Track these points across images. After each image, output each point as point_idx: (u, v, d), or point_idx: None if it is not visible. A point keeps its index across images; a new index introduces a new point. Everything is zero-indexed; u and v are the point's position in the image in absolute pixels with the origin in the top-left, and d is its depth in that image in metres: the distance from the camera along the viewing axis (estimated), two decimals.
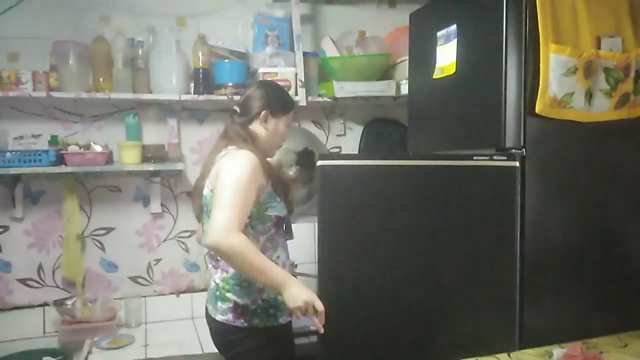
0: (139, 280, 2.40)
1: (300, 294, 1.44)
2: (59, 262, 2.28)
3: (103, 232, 2.35)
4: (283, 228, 1.68)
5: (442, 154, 1.75)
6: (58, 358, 1.96)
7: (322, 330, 1.44)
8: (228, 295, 1.60)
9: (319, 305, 1.43)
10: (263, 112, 1.66)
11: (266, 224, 1.60)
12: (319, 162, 1.55)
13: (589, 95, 1.57)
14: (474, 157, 1.54)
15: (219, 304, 1.62)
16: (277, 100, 1.72)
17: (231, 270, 1.59)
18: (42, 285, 2.27)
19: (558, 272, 1.57)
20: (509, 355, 1.43)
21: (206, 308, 1.72)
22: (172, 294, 2.43)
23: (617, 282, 1.65)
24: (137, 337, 2.16)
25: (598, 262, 1.62)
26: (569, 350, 1.30)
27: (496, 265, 1.52)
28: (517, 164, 1.50)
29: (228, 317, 1.60)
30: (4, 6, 2.13)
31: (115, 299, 2.30)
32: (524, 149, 1.52)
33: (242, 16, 2.48)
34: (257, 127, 1.68)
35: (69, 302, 2.18)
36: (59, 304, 2.18)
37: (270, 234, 1.62)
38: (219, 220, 1.42)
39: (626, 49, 1.61)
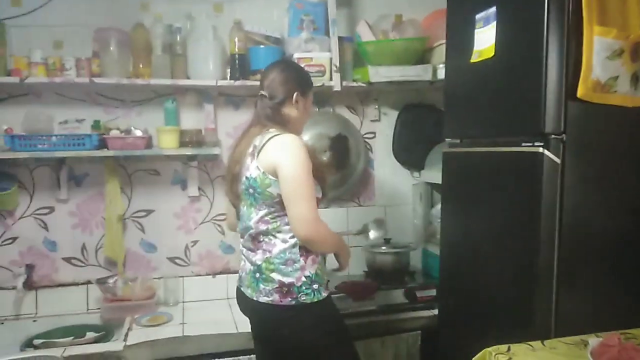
0: (177, 261, 2.47)
1: (347, 255, 1.81)
2: (101, 243, 2.37)
3: (143, 214, 2.42)
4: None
5: (487, 141, 1.74)
6: (100, 333, 2.04)
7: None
8: (272, 275, 1.61)
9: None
10: (295, 94, 1.69)
11: None
12: (444, 150, 1.99)
13: (635, 79, 1.51)
14: (501, 143, 1.62)
15: (262, 285, 1.63)
16: (304, 80, 1.76)
17: (275, 250, 1.62)
18: (86, 264, 2.37)
19: (596, 261, 1.52)
20: (542, 343, 1.41)
21: (241, 292, 1.73)
22: (209, 274, 2.49)
23: None
24: (175, 315, 2.22)
25: (637, 251, 1.57)
26: (605, 339, 1.26)
27: (532, 252, 1.50)
28: (541, 149, 1.46)
29: (274, 298, 1.61)
30: None
31: (154, 278, 2.38)
32: (564, 135, 1.47)
33: (277, 1, 2.48)
34: (288, 109, 1.70)
35: (111, 281, 2.27)
36: (101, 282, 2.27)
37: None
38: (306, 214, 1.54)
39: None
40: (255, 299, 1.65)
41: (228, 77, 2.35)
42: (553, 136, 1.47)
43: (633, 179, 1.56)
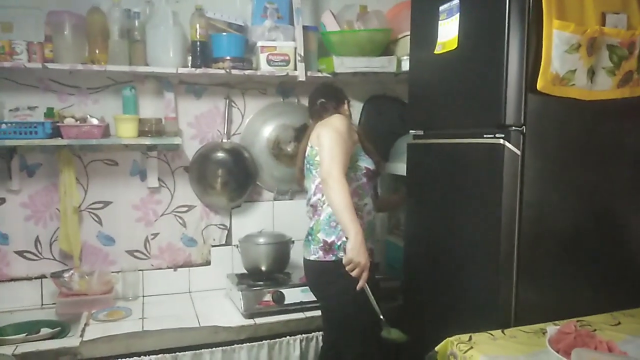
0: (136, 254, 2.40)
1: (361, 251, 1.69)
2: (56, 235, 2.28)
3: (100, 205, 2.34)
4: (374, 181, 2.01)
5: (450, 132, 1.76)
6: (55, 329, 1.97)
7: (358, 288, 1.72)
8: (319, 235, 1.87)
9: (365, 274, 1.71)
10: (346, 100, 2.09)
11: (357, 173, 1.91)
12: (408, 141, 2.03)
13: (592, 73, 1.54)
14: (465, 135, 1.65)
15: (311, 246, 1.90)
16: (343, 94, 2.14)
17: (324, 214, 1.87)
18: (40, 257, 2.28)
19: (555, 252, 1.57)
20: (503, 332, 1.44)
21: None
22: (169, 268, 2.44)
23: (612, 262, 1.65)
24: (134, 310, 2.17)
25: (594, 242, 1.62)
26: (562, 327, 1.31)
27: (493, 243, 1.52)
28: (502, 141, 1.49)
29: (319, 255, 1.87)
30: None
31: (112, 272, 2.31)
32: (524, 127, 1.50)
33: None
34: (341, 112, 2.03)
35: (66, 275, 2.19)
36: (56, 276, 2.19)
37: (362, 182, 1.92)
38: (327, 164, 1.76)
39: (631, 25, 1.57)
40: (307, 258, 1.92)
41: (189, 65, 2.29)
42: (513, 128, 1.49)
43: (590, 171, 1.61)
